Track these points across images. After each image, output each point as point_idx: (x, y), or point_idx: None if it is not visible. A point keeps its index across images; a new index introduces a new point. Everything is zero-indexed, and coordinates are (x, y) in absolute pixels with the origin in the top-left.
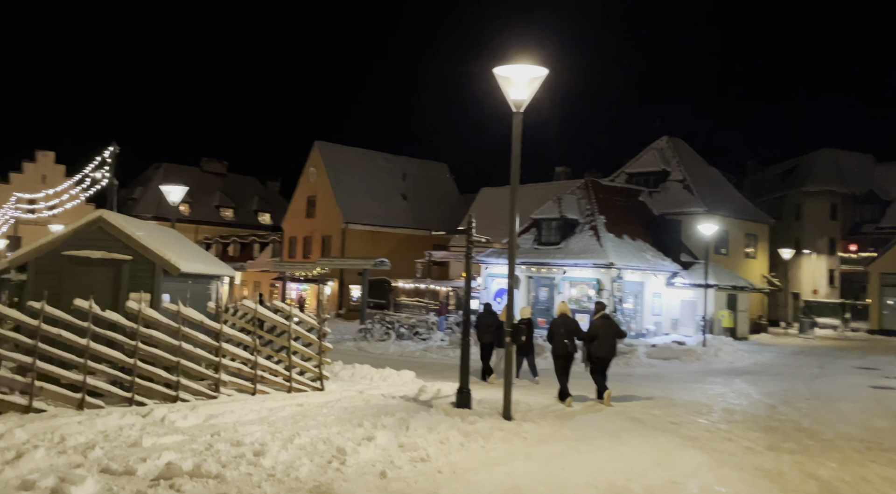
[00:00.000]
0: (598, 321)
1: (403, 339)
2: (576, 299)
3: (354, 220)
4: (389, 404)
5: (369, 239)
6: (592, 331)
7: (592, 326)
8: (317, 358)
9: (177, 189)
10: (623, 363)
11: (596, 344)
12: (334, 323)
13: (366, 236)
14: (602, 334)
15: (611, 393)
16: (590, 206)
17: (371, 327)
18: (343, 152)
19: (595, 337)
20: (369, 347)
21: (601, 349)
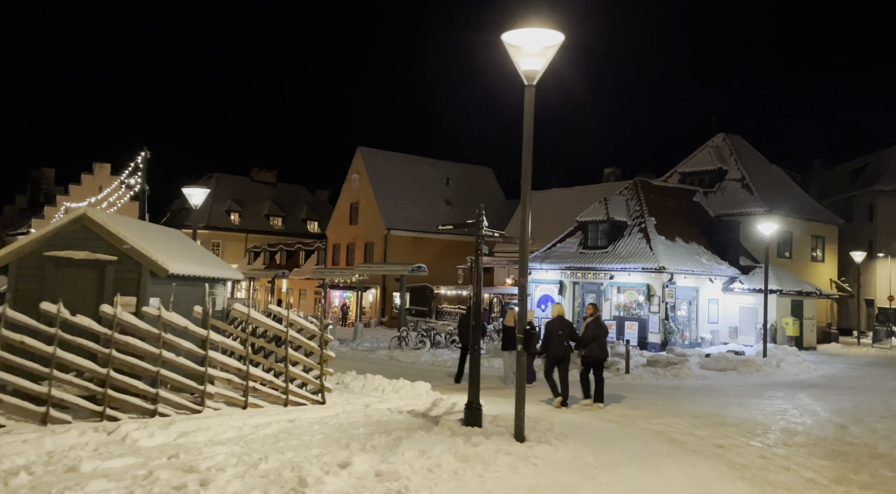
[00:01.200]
0: (592, 323)
1: (439, 347)
2: (624, 306)
3: (396, 226)
4: (392, 420)
5: (412, 245)
6: (588, 333)
7: (587, 328)
8: (318, 368)
9: (199, 192)
10: (671, 375)
11: (592, 346)
12: (374, 331)
13: (408, 243)
14: (598, 336)
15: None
16: (639, 207)
17: (406, 335)
18: (386, 158)
19: (592, 339)
20: (402, 355)
21: (596, 351)
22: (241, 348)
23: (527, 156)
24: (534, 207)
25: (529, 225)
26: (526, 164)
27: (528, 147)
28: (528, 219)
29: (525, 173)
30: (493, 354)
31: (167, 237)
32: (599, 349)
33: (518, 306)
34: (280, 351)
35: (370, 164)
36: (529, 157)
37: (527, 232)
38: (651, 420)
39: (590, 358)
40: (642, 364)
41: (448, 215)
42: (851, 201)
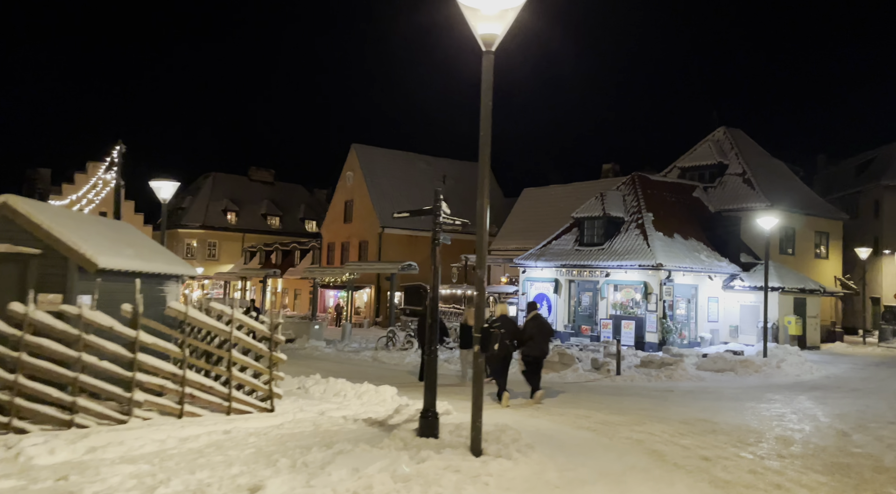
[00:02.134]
0: (531, 322)
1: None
2: (621, 305)
3: (391, 224)
4: (343, 429)
5: (407, 244)
6: (527, 332)
7: (526, 326)
8: (267, 372)
9: (167, 185)
10: (665, 377)
11: (530, 344)
12: (367, 332)
13: (403, 241)
14: (535, 334)
15: (542, 393)
16: (636, 203)
17: (394, 335)
18: (380, 155)
19: (530, 338)
20: (387, 357)
21: (535, 349)
22: (176, 350)
23: (485, 131)
24: (531, 204)
25: (487, 210)
26: (484, 140)
27: (487, 122)
28: (485, 202)
29: (483, 151)
30: None
31: (109, 230)
32: (537, 347)
33: (475, 302)
34: (222, 354)
35: (364, 161)
36: (488, 132)
37: (484, 218)
38: (634, 428)
39: (528, 356)
40: (635, 365)
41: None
42: (857, 197)
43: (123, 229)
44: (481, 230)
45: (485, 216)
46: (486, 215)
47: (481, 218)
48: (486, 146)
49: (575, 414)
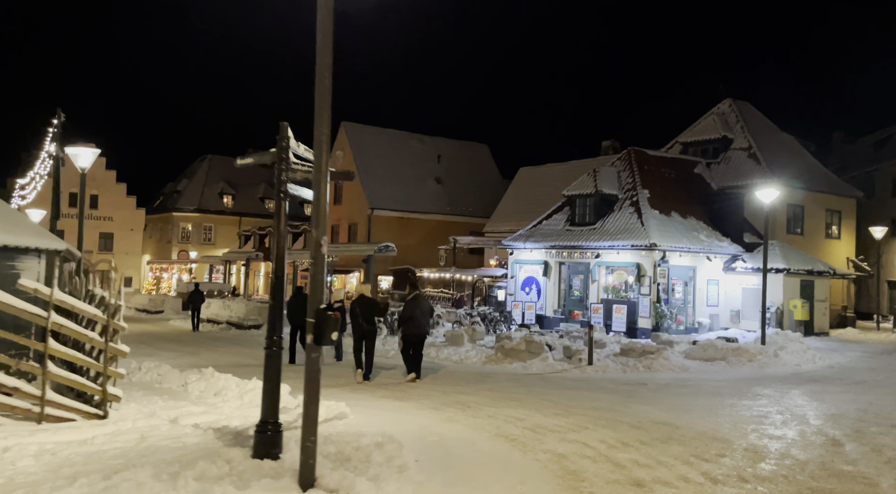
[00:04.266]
0: (410, 301)
1: (397, 333)
2: (613, 288)
3: (381, 205)
4: (174, 446)
5: (398, 226)
6: (406, 312)
7: (406, 306)
8: (98, 368)
9: (86, 151)
10: (643, 367)
11: (409, 324)
12: None
13: (394, 223)
14: (416, 314)
15: (414, 377)
16: (631, 179)
17: None
18: (371, 133)
19: (409, 318)
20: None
21: (414, 328)
22: None
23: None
24: (526, 183)
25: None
26: (321, 97)
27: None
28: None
29: (319, 115)
30: None
31: None
32: (417, 326)
33: (310, 282)
34: (32, 345)
35: (354, 140)
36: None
37: (324, 157)
38: (568, 435)
39: (408, 336)
40: (614, 353)
41: (438, 194)
42: (873, 175)
43: None
44: (318, 175)
45: (324, 155)
46: (326, 152)
47: (319, 158)
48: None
49: (507, 416)
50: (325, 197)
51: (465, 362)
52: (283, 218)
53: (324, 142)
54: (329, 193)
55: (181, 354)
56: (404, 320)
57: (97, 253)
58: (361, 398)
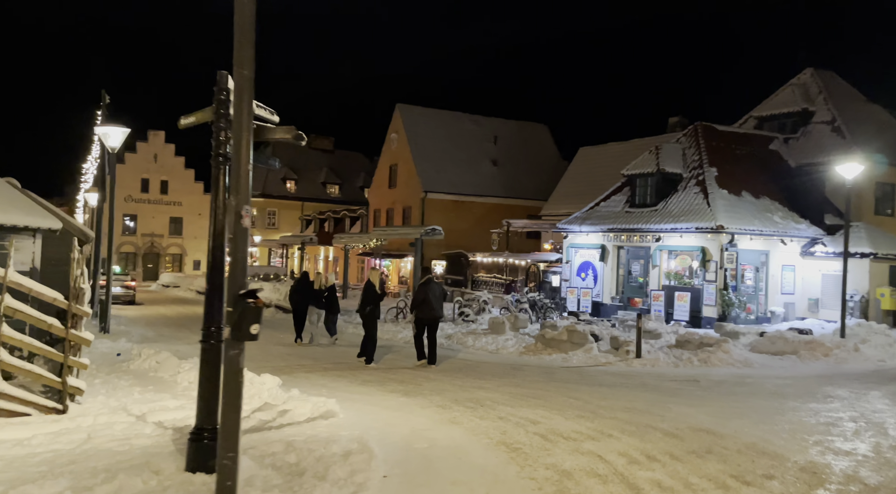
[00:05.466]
0: (423, 285)
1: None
2: (676, 274)
3: (434, 188)
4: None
5: (452, 209)
6: (419, 295)
7: (418, 290)
8: (58, 357)
9: (115, 131)
10: (699, 361)
11: (422, 308)
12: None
13: (448, 206)
14: (429, 297)
15: (425, 363)
16: (698, 156)
17: (405, 306)
18: (425, 115)
19: (422, 302)
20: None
21: (426, 313)
22: None
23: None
24: (587, 163)
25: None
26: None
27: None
28: (245, 75)
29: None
30: None
31: None
32: (429, 309)
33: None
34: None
35: (408, 122)
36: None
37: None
38: (584, 444)
39: (421, 319)
40: (668, 345)
41: (494, 176)
42: None
43: None
44: (239, 131)
45: (245, 105)
46: (248, 102)
47: (239, 110)
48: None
49: (521, 418)
50: (246, 157)
51: (501, 352)
52: (223, 187)
53: (245, 88)
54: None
55: None
56: (416, 303)
57: (167, 237)
58: (366, 393)
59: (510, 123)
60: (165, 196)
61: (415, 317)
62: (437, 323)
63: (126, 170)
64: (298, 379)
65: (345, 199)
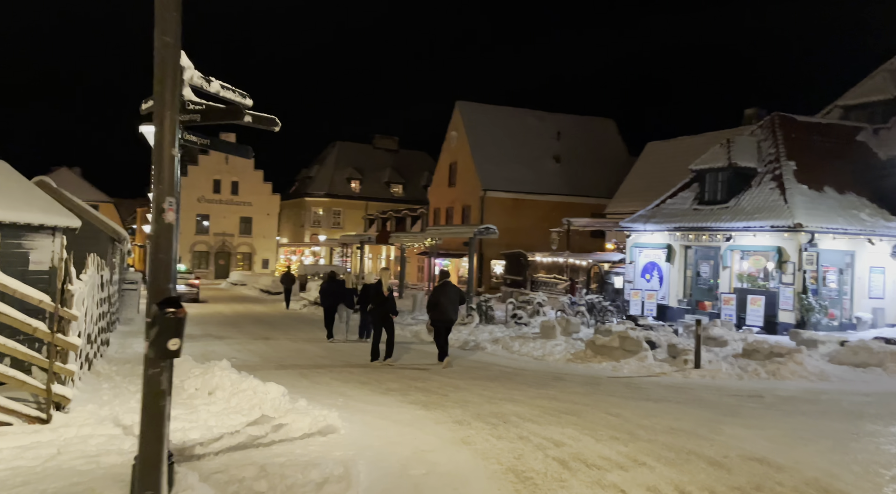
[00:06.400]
0: (438, 289)
1: (493, 323)
2: (749, 276)
3: (494, 186)
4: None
5: (512, 208)
6: (432, 299)
7: (433, 293)
8: (42, 363)
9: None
10: (767, 373)
11: (437, 310)
12: None
13: (507, 205)
14: (442, 301)
15: (449, 360)
16: (774, 149)
17: None
18: (485, 112)
19: (436, 304)
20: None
21: (441, 314)
22: None
23: None
24: (655, 159)
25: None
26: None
27: None
28: (171, 93)
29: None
30: None
31: None
32: (441, 312)
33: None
34: None
35: (468, 119)
36: None
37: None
38: (608, 475)
39: (435, 322)
40: (734, 354)
41: (556, 173)
42: None
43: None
44: (161, 107)
45: (169, 78)
46: (173, 76)
47: (161, 84)
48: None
49: (545, 438)
50: (170, 140)
51: (547, 358)
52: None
53: (168, 58)
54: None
55: (252, 338)
56: (430, 306)
57: (238, 236)
58: (383, 404)
59: (574, 118)
60: (236, 197)
61: (431, 319)
62: (450, 326)
63: (199, 171)
64: (318, 386)
65: (408, 198)
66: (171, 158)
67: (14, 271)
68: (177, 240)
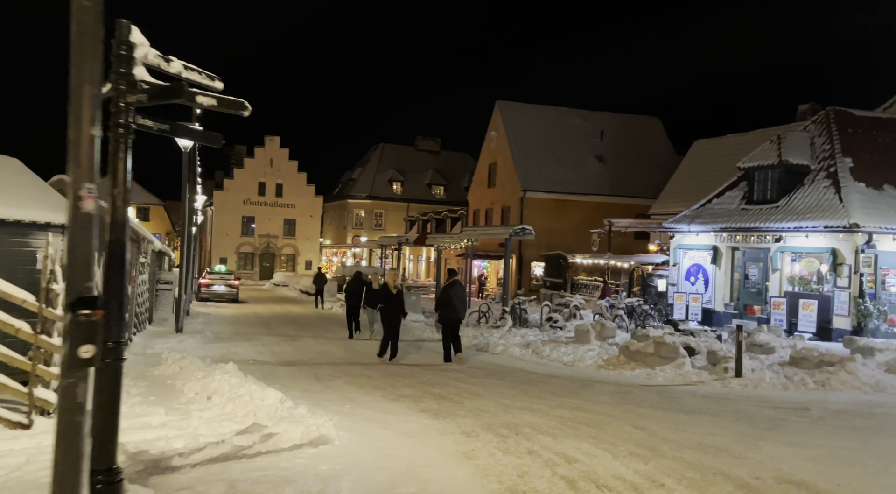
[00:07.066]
0: (447, 287)
1: (527, 326)
2: (801, 279)
3: (534, 187)
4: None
5: (552, 209)
6: (443, 297)
7: (442, 292)
8: (26, 366)
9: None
10: (815, 383)
11: (445, 308)
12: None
13: (548, 206)
14: (453, 299)
15: (461, 356)
16: (829, 146)
17: (488, 309)
18: (526, 111)
19: (445, 302)
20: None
21: (449, 312)
22: None
23: None
24: (702, 158)
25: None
26: None
27: None
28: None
29: None
30: None
31: None
32: (451, 310)
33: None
34: None
35: (508, 119)
36: None
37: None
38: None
39: (443, 319)
40: (779, 362)
41: (600, 173)
42: None
43: None
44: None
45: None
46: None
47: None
48: None
49: (557, 454)
50: (89, 117)
51: (577, 364)
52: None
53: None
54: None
55: (279, 338)
56: (440, 304)
57: (282, 237)
58: (391, 411)
59: (619, 117)
60: (280, 199)
61: (438, 317)
62: (459, 324)
63: (245, 174)
64: (329, 390)
65: (449, 200)
66: (91, 138)
67: (23, 270)
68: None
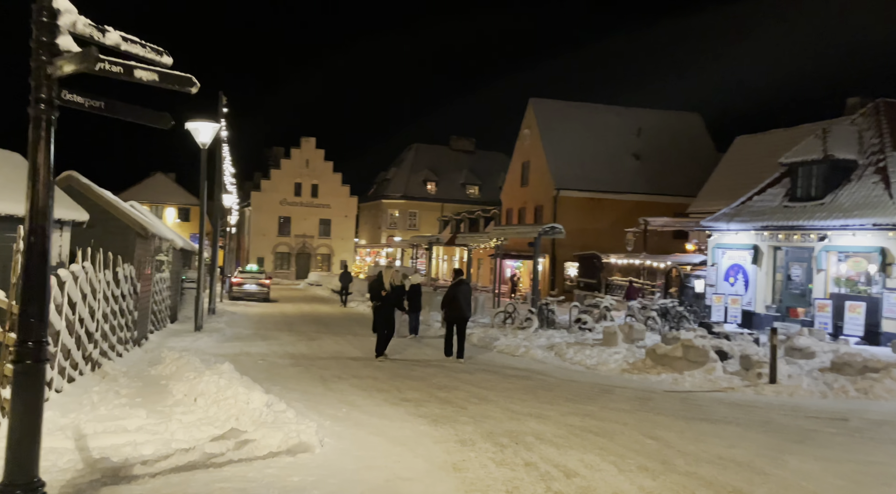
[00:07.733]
0: (454, 286)
1: (553, 327)
2: (847, 280)
3: (568, 186)
4: None
5: (587, 207)
6: (449, 295)
7: (449, 289)
8: None
9: (206, 127)
10: (856, 390)
11: (452, 306)
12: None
13: (582, 204)
14: (459, 297)
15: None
16: (878, 139)
17: (514, 310)
18: (560, 108)
19: (451, 300)
20: (489, 335)
21: (455, 310)
22: None
23: None
24: (744, 154)
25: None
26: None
27: None
28: None
29: None
30: None
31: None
32: (457, 308)
33: None
34: None
35: (542, 116)
36: None
37: None
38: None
39: (448, 317)
40: (820, 368)
41: (636, 171)
42: None
43: None
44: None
45: None
46: None
47: None
48: None
49: (556, 466)
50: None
51: (600, 368)
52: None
53: None
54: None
55: (298, 338)
56: (446, 302)
57: (317, 237)
58: (388, 416)
59: (657, 113)
60: (316, 199)
61: (443, 314)
62: (465, 322)
63: (282, 175)
64: (331, 393)
65: (484, 199)
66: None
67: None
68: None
